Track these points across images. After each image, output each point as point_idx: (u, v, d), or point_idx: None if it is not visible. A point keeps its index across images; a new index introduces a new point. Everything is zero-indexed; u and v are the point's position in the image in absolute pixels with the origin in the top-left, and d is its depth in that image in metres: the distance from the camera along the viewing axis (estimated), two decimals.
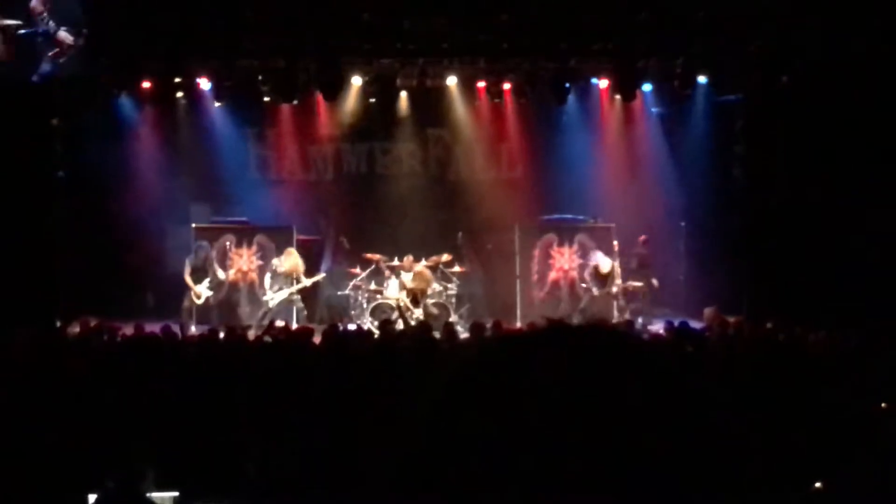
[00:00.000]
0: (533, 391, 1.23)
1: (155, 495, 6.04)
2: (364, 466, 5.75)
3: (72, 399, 8.26)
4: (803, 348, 11.56)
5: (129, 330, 14.69)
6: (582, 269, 20.81)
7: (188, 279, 19.64)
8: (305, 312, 19.71)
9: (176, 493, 6.14)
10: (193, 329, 18.38)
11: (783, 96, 19.75)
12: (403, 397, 6.78)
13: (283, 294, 19.47)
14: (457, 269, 20.46)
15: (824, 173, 18.79)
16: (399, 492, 1.35)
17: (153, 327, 14.54)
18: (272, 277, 19.71)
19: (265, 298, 19.72)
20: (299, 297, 19.70)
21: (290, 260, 19.74)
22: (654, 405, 1.25)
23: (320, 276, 20.52)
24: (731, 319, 15.93)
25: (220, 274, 20.03)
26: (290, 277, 19.55)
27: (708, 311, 17.48)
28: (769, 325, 14.77)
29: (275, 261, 19.94)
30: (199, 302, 19.59)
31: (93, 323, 15.27)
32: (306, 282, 19.73)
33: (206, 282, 19.66)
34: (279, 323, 17.51)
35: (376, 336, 14.34)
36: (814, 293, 17.71)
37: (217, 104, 21.73)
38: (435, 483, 1.28)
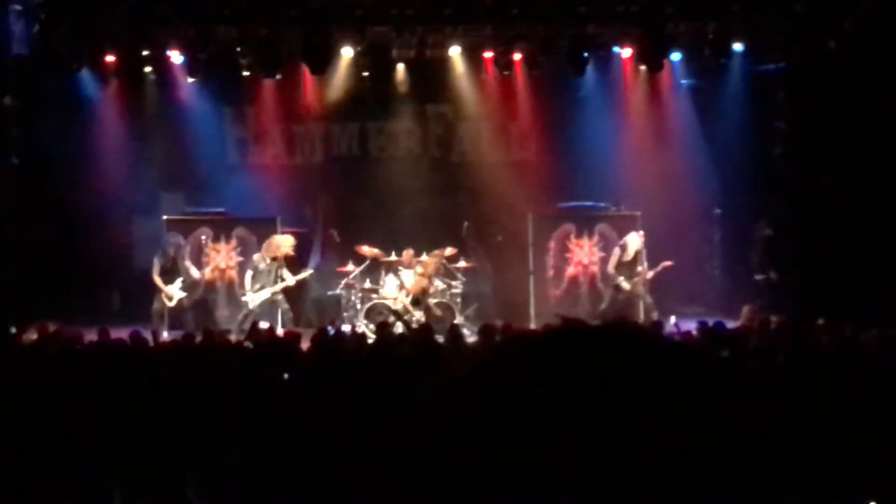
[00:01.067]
0: (547, 401, 1.22)
1: None
2: (357, 487, 5.77)
3: (28, 414, 8.27)
4: (854, 350, 11.55)
5: (92, 336, 14.69)
6: (604, 262, 20.70)
7: (157, 279, 19.50)
8: (291, 315, 19.60)
9: None
10: (166, 335, 18.39)
11: (830, 64, 19.70)
12: (402, 410, 6.79)
13: (265, 294, 19.35)
14: (462, 264, 20.39)
15: (877, 152, 18.74)
16: None
17: (120, 333, 14.54)
18: (253, 276, 19.55)
19: (244, 299, 19.61)
20: (283, 296, 19.57)
21: (281, 242, 19.52)
22: (685, 416, 1.24)
23: (306, 274, 20.38)
24: (774, 319, 15.91)
25: (194, 272, 19.87)
26: (272, 274, 19.37)
27: (746, 310, 17.48)
28: (816, 325, 14.74)
29: (255, 256, 19.76)
30: (171, 304, 19.48)
31: (52, 328, 15.26)
32: (290, 280, 19.55)
33: (178, 282, 19.55)
34: (262, 325, 17.49)
35: (372, 341, 14.34)
36: (865, 288, 17.67)
37: (190, 79, 21.69)
38: None
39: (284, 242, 19.51)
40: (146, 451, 7.59)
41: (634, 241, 19.83)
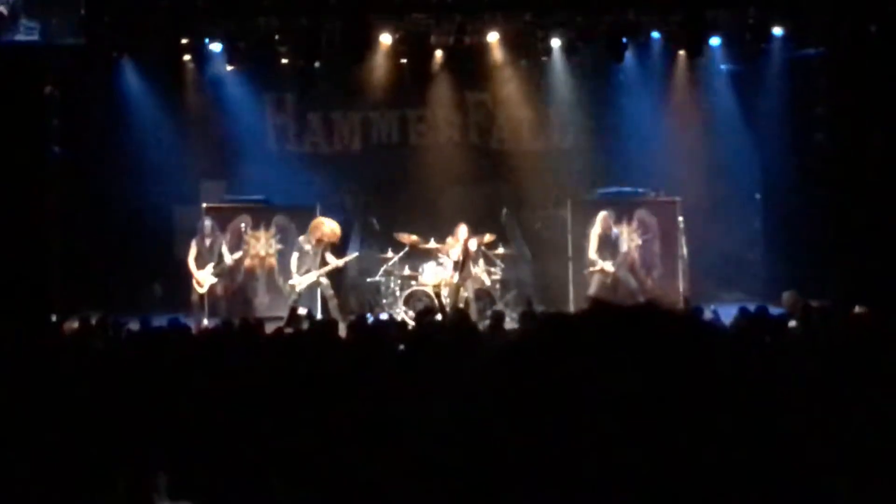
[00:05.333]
0: (584, 384, 1.20)
1: None
2: (394, 474, 5.73)
3: (71, 404, 8.28)
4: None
5: (134, 325, 14.73)
6: (643, 248, 20.68)
7: (191, 264, 19.37)
8: (336, 301, 19.29)
9: None
10: (206, 322, 18.41)
11: (872, 49, 19.53)
12: (441, 397, 6.75)
13: (312, 277, 19.12)
14: (501, 250, 20.33)
15: None
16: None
17: (162, 322, 14.58)
18: (298, 258, 19.33)
19: (292, 282, 19.41)
20: (329, 283, 19.35)
21: (328, 225, 19.32)
22: (725, 401, 1.21)
23: (353, 256, 20.21)
24: (815, 304, 15.79)
25: (227, 258, 19.57)
26: (318, 257, 19.11)
27: (787, 296, 17.35)
28: (858, 311, 14.63)
29: (301, 238, 19.51)
30: (202, 291, 19.28)
31: (94, 318, 15.31)
32: (336, 262, 19.36)
33: (209, 267, 19.35)
34: (301, 311, 17.45)
35: (411, 328, 14.32)
36: None
37: (229, 68, 21.76)
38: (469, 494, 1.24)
39: (331, 227, 19.31)
40: (189, 439, 7.60)
41: (599, 222, 19.75)
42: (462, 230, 19.21)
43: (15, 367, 9.31)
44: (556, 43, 21.63)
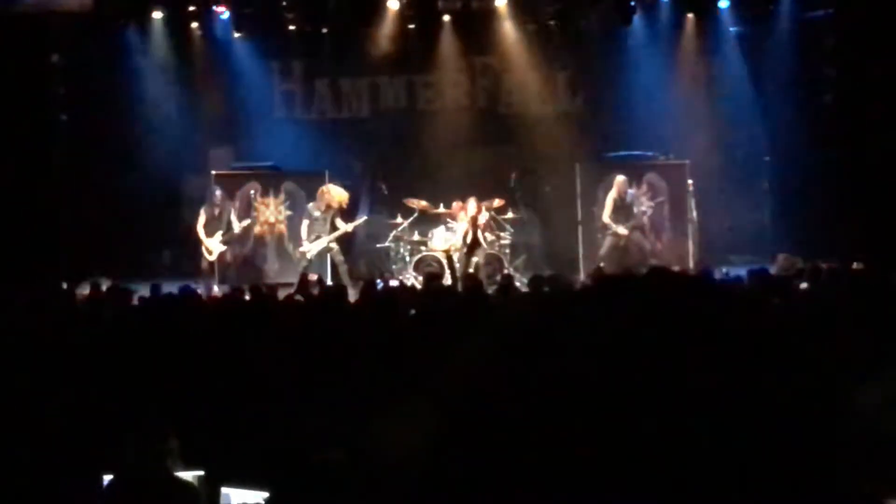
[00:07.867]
0: (594, 351, 1.21)
1: (181, 474, 6.09)
2: (404, 436, 5.78)
3: (83, 371, 8.33)
4: None
5: (144, 292, 14.76)
6: (658, 210, 20.65)
7: (200, 231, 19.37)
8: (346, 267, 19.22)
9: (201, 473, 6.18)
10: (216, 289, 18.44)
11: (880, 9, 19.46)
12: (451, 362, 6.79)
13: (322, 243, 19.02)
14: (510, 215, 20.31)
15: None
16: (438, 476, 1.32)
17: (171, 288, 14.61)
18: (309, 225, 19.26)
19: (302, 249, 19.36)
20: (338, 248, 19.26)
21: (335, 192, 19.28)
22: (734, 359, 1.22)
23: (361, 220, 20.17)
24: (825, 265, 15.77)
25: (236, 225, 19.62)
26: (327, 223, 19.04)
27: (781, 258, 17.30)
28: (856, 267, 14.63)
29: (310, 206, 19.45)
30: (212, 258, 19.33)
31: (104, 285, 15.33)
32: (346, 227, 19.26)
33: (217, 234, 19.36)
34: (312, 277, 17.44)
35: (420, 292, 14.32)
36: None
37: (237, 34, 21.74)
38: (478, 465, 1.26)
39: (339, 193, 19.30)
40: (202, 405, 7.63)
41: (616, 186, 19.71)
42: (471, 204, 19.13)
43: (29, 332, 9.36)
44: (563, 6, 21.55)
